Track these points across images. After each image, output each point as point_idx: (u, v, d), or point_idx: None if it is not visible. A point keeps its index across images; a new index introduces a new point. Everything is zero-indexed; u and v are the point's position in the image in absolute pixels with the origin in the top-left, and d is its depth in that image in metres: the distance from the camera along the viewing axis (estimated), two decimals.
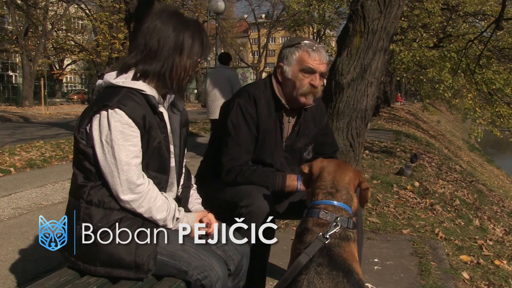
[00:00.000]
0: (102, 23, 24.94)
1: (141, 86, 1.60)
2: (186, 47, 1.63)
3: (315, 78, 2.12)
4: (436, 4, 11.52)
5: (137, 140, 1.56)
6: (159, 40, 1.62)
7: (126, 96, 1.56)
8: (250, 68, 46.88)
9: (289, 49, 2.15)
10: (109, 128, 1.52)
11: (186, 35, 1.64)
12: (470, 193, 6.29)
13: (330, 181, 1.63)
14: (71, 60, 38.36)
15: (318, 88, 2.15)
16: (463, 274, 2.94)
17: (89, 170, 1.59)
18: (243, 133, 2.14)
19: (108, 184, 1.56)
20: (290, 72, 2.14)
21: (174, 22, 1.64)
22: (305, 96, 2.15)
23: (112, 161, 1.53)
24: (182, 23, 1.65)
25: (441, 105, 31.13)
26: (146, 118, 1.58)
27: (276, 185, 2.10)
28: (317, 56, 2.10)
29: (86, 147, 1.57)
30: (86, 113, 1.59)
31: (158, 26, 1.63)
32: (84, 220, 1.56)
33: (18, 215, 3.99)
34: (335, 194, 1.61)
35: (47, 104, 22.66)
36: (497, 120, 11.15)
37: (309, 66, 2.10)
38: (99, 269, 1.56)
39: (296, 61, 2.12)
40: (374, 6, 4.71)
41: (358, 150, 5.27)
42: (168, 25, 1.63)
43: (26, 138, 9.91)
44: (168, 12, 1.67)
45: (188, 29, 1.65)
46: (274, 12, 39.69)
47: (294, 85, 2.14)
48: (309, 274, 1.40)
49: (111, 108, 1.52)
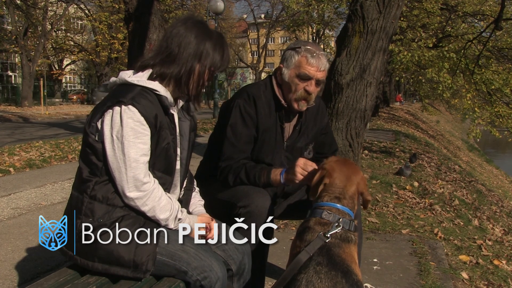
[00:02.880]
0: (101, 23, 24.97)
1: (156, 86, 1.61)
2: (205, 55, 1.66)
3: (310, 85, 2.11)
4: (435, 4, 11.52)
5: (147, 139, 1.57)
6: (180, 45, 1.64)
7: (140, 94, 1.57)
8: (249, 68, 46.96)
9: (290, 52, 2.16)
10: (121, 124, 1.53)
11: (207, 44, 1.67)
12: (469, 193, 6.30)
13: (341, 188, 1.67)
14: (70, 60, 38.35)
15: (313, 95, 2.14)
16: (462, 274, 2.94)
17: (95, 165, 1.59)
18: (240, 134, 2.15)
19: (115, 180, 1.56)
20: (287, 75, 2.15)
21: (197, 29, 1.67)
22: (298, 102, 2.14)
23: (121, 157, 1.54)
24: (205, 32, 1.68)
25: (440, 105, 31.12)
26: (158, 118, 1.59)
27: (262, 180, 2.09)
28: (315, 62, 2.09)
29: (95, 141, 1.58)
30: (99, 108, 1.60)
31: (181, 32, 1.66)
32: (86, 215, 1.56)
33: (17, 215, 3.99)
34: (342, 199, 1.64)
35: (46, 104, 22.66)
36: (496, 120, 11.16)
37: (304, 73, 2.10)
38: (96, 264, 1.56)
39: (294, 65, 2.13)
40: (373, 6, 4.72)
41: (357, 150, 5.28)
42: (191, 32, 1.66)
43: (25, 138, 9.91)
44: (193, 20, 1.71)
45: (211, 39, 1.68)
46: (273, 12, 39.71)
47: (289, 88, 2.15)
48: (308, 273, 1.41)
49: (124, 105, 1.54)
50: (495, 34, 9.93)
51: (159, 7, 8.85)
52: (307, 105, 2.17)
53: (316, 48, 2.15)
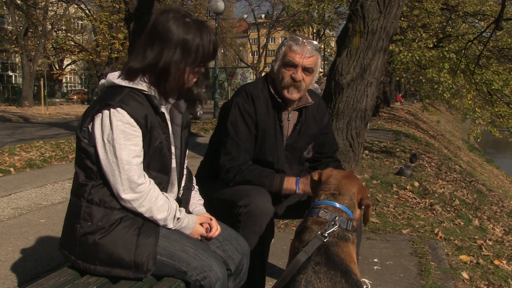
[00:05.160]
0: (101, 23, 24.97)
1: (143, 87, 1.60)
2: (186, 50, 1.59)
3: (295, 71, 2.11)
4: (435, 4, 11.51)
5: (138, 140, 1.57)
6: (161, 41, 1.59)
7: (128, 96, 1.57)
8: (250, 68, 46.95)
9: (279, 47, 2.20)
10: (111, 127, 1.53)
11: (189, 37, 1.60)
12: (470, 193, 6.29)
13: (335, 185, 1.67)
14: (70, 60, 38.39)
15: (301, 82, 2.12)
16: (462, 274, 2.94)
17: (90, 169, 1.59)
18: (241, 133, 2.15)
19: (109, 183, 1.56)
20: (276, 67, 2.18)
21: (173, 23, 1.61)
22: (287, 89, 2.14)
23: (114, 160, 1.54)
24: (184, 24, 1.61)
25: (441, 105, 31.13)
26: (148, 118, 1.59)
27: (274, 187, 2.10)
28: (299, 49, 2.10)
29: (88, 145, 1.58)
30: (89, 112, 1.60)
31: (159, 28, 1.60)
32: (85, 219, 1.56)
33: (17, 215, 3.99)
34: (338, 196, 1.64)
35: (46, 104, 22.69)
36: (497, 120, 11.16)
37: (289, 60, 2.11)
38: (98, 268, 1.56)
39: (281, 56, 2.15)
40: (374, 6, 4.72)
41: (358, 150, 5.28)
42: (167, 26, 1.60)
43: (26, 138, 9.92)
44: (173, 13, 1.63)
45: (189, 32, 1.60)
46: (273, 12, 39.74)
47: (278, 79, 2.17)
48: (307, 274, 1.41)
49: (113, 107, 1.53)
50: (496, 34, 9.93)
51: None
52: (297, 91, 2.15)
53: (303, 37, 2.16)
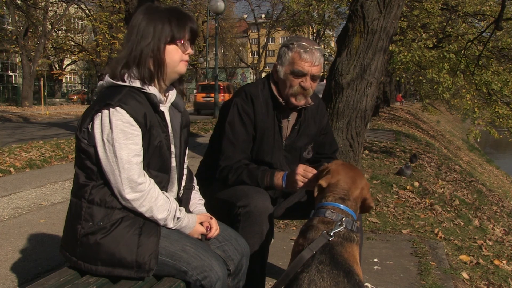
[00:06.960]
0: (101, 23, 24.94)
1: (137, 84, 1.61)
2: (155, 32, 1.62)
3: (305, 80, 2.11)
4: (435, 4, 11.51)
5: (138, 139, 1.57)
6: (131, 33, 1.64)
7: (127, 95, 1.57)
8: (250, 68, 46.99)
9: (284, 49, 2.16)
10: (110, 127, 1.53)
11: (157, 22, 1.63)
12: (470, 193, 6.29)
13: (345, 190, 1.68)
14: (70, 60, 38.37)
15: (309, 90, 2.14)
16: (462, 274, 2.94)
17: (90, 170, 1.59)
18: (238, 133, 2.15)
19: (110, 183, 1.56)
20: (282, 72, 2.15)
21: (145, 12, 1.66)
22: (295, 97, 2.15)
23: (113, 159, 1.54)
24: (152, 13, 1.65)
25: (441, 105, 31.12)
26: (147, 117, 1.59)
27: (265, 183, 2.09)
28: (309, 58, 2.08)
29: (88, 146, 1.58)
30: (88, 112, 1.60)
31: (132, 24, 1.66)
32: (86, 219, 1.56)
33: (17, 215, 3.99)
34: (346, 201, 1.65)
35: (46, 104, 22.66)
36: (497, 120, 11.16)
37: (298, 69, 2.09)
38: (100, 268, 1.56)
39: (288, 62, 2.13)
40: (374, 6, 4.71)
41: (358, 150, 5.28)
42: (137, 16, 1.66)
43: (26, 138, 9.91)
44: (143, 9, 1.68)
45: (154, 16, 1.64)
46: (273, 12, 39.74)
47: (285, 85, 2.15)
48: (311, 272, 1.41)
49: (112, 107, 1.53)
50: (496, 34, 9.92)
51: None
52: (304, 98, 2.16)
53: (309, 42, 2.14)
